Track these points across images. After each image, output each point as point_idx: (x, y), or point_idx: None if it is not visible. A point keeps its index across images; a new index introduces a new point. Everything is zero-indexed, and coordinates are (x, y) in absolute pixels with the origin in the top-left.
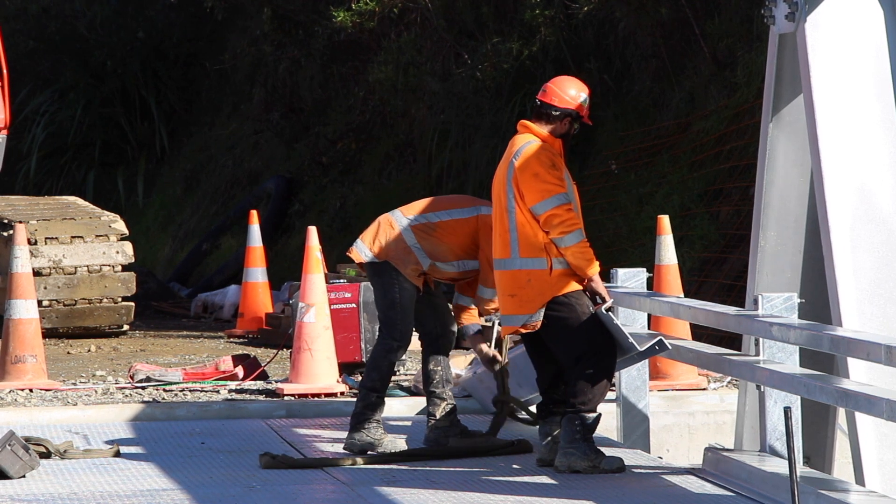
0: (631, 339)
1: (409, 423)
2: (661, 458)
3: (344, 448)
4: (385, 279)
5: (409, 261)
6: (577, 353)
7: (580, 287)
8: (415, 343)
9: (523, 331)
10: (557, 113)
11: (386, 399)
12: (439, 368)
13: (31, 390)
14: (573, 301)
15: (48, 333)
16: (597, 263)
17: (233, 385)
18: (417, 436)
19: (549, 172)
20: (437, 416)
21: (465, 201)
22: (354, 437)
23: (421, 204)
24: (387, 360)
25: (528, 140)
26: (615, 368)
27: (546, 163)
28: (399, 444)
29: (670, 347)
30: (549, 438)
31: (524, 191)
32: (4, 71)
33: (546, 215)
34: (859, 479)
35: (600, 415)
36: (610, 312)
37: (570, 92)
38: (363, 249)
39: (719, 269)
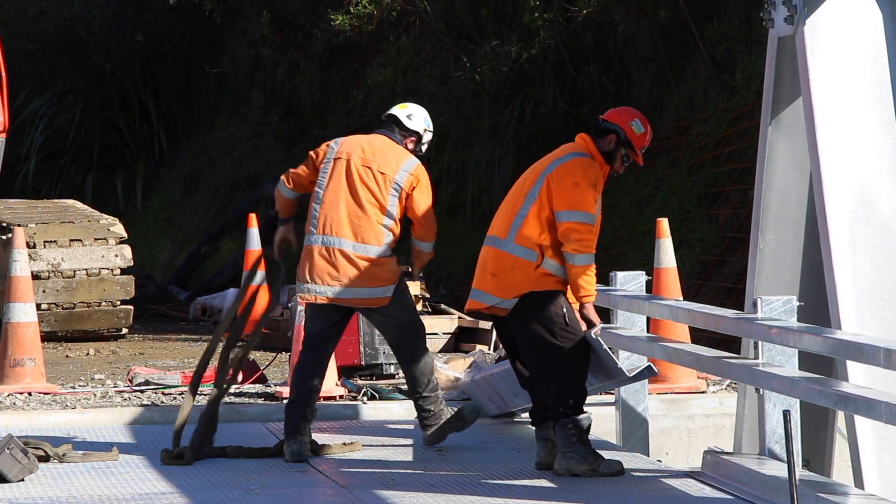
0: (619, 365)
1: (411, 427)
2: (660, 461)
3: (426, 444)
4: (401, 293)
5: (398, 266)
6: (546, 355)
7: (560, 288)
8: None
9: (487, 311)
10: (603, 126)
11: (384, 402)
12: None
13: (29, 394)
14: (548, 300)
15: (47, 337)
16: (595, 294)
17: (232, 388)
18: (419, 436)
19: (588, 189)
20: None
21: (381, 184)
22: (435, 432)
23: (365, 221)
24: (431, 357)
25: (582, 152)
26: (589, 371)
27: (591, 179)
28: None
29: (657, 373)
30: (547, 442)
31: (556, 193)
32: (3, 74)
33: (569, 225)
34: (858, 483)
35: (590, 414)
36: (599, 337)
37: (624, 115)
38: (378, 291)
39: (718, 271)
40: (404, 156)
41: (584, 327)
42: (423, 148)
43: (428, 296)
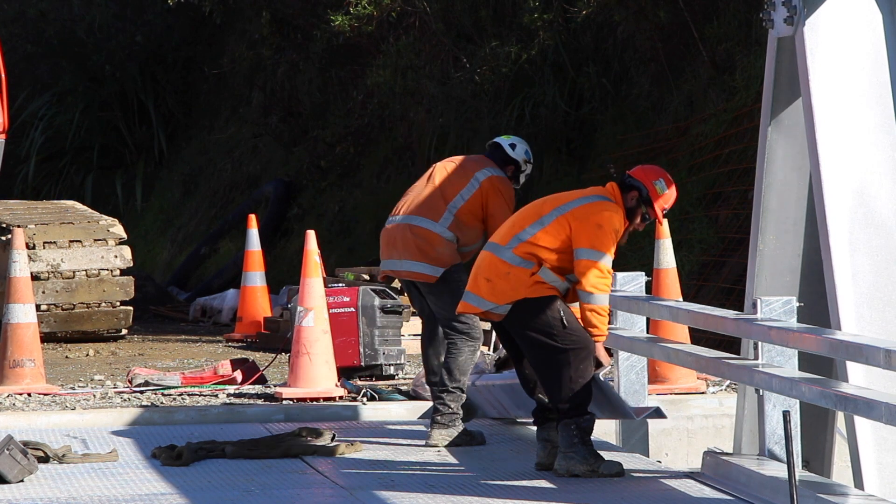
0: (628, 407)
1: (411, 428)
2: (659, 461)
3: (429, 443)
4: (453, 284)
5: (457, 258)
6: (548, 357)
7: (555, 293)
8: (414, 347)
9: (482, 316)
10: (627, 182)
11: (384, 403)
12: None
13: (29, 394)
14: (543, 305)
15: (47, 338)
16: (606, 334)
17: (231, 389)
18: (419, 437)
19: (610, 234)
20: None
21: (464, 175)
22: (442, 432)
23: (436, 200)
24: (473, 361)
25: (610, 198)
26: (596, 407)
27: (614, 225)
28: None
29: (666, 416)
30: (547, 443)
31: (578, 231)
32: (3, 75)
33: (588, 263)
34: (858, 483)
35: (594, 415)
36: (607, 378)
37: (650, 174)
38: (425, 268)
39: (718, 272)
40: (493, 165)
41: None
42: (521, 179)
43: None
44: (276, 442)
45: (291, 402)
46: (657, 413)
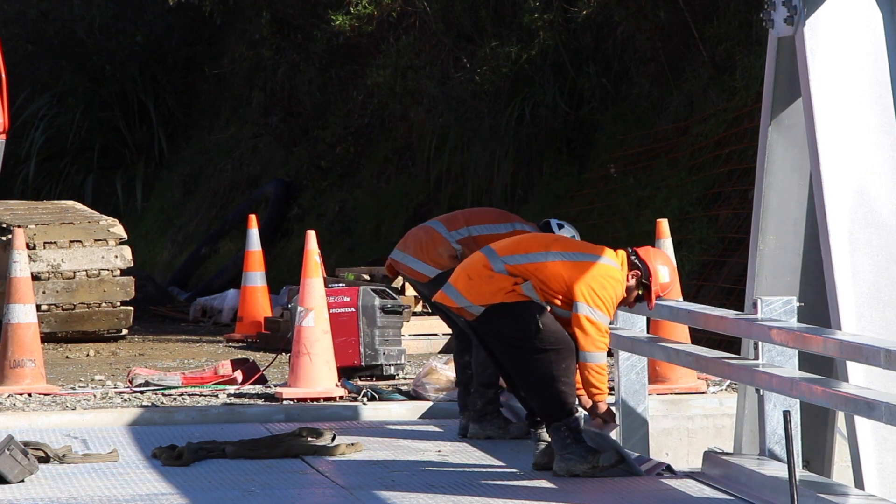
0: (636, 465)
1: (411, 428)
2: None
3: (468, 435)
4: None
5: (455, 265)
6: (524, 361)
7: (529, 300)
8: (414, 348)
9: (455, 311)
10: (632, 260)
11: (384, 403)
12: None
13: (29, 395)
14: (517, 309)
15: (47, 338)
16: (607, 392)
17: (232, 389)
18: (419, 437)
19: (612, 297)
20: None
21: (502, 216)
22: (477, 427)
23: (458, 216)
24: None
25: (619, 265)
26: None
27: (617, 290)
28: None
29: (676, 473)
30: (542, 443)
31: (580, 286)
32: (3, 75)
33: (588, 319)
34: (858, 483)
35: (581, 414)
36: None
37: (657, 259)
38: (421, 266)
39: (718, 272)
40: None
41: (597, 423)
42: None
43: None
44: (277, 442)
45: (292, 402)
46: (668, 470)
